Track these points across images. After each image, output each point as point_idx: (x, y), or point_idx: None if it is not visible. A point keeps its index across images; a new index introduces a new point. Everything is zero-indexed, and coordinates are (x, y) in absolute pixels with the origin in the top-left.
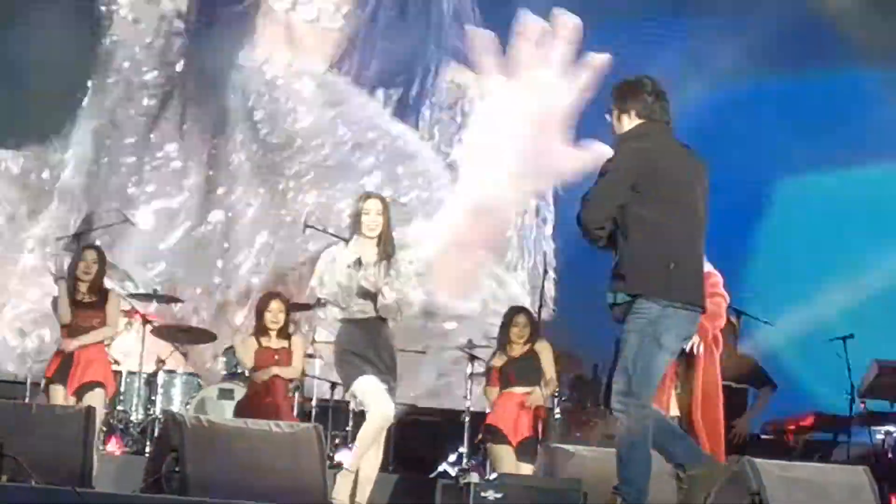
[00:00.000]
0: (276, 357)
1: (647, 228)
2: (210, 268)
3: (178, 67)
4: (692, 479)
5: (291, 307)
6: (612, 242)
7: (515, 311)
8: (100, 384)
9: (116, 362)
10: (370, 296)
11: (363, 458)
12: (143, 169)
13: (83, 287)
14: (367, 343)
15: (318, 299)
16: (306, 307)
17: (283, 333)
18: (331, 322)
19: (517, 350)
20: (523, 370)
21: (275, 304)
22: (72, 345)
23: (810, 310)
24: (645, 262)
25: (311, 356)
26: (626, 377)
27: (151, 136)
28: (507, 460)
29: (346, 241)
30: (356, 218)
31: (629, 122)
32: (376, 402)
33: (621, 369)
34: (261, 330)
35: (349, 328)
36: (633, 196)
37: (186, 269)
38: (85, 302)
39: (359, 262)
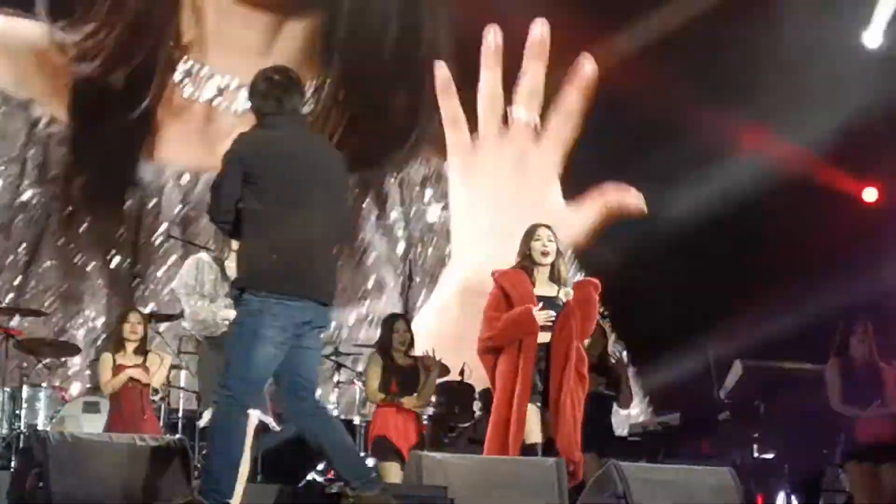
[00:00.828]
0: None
1: (257, 220)
2: None
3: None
4: (359, 500)
5: (155, 318)
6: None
7: (394, 317)
8: None
9: None
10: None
11: None
12: None
13: None
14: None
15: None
16: (169, 318)
17: (141, 350)
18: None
19: (400, 359)
20: (408, 384)
21: (133, 317)
22: None
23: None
24: (252, 255)
25: (177, 367)
26: (226, 368)
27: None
28: (393, 477)
29: (209, 249)
30: None
31: (257, 117)
32: None
33: (225, 361)
34: (118, 344)
35: (210, 341)
36: (247, 188)
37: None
38: None
39: (224, 273)
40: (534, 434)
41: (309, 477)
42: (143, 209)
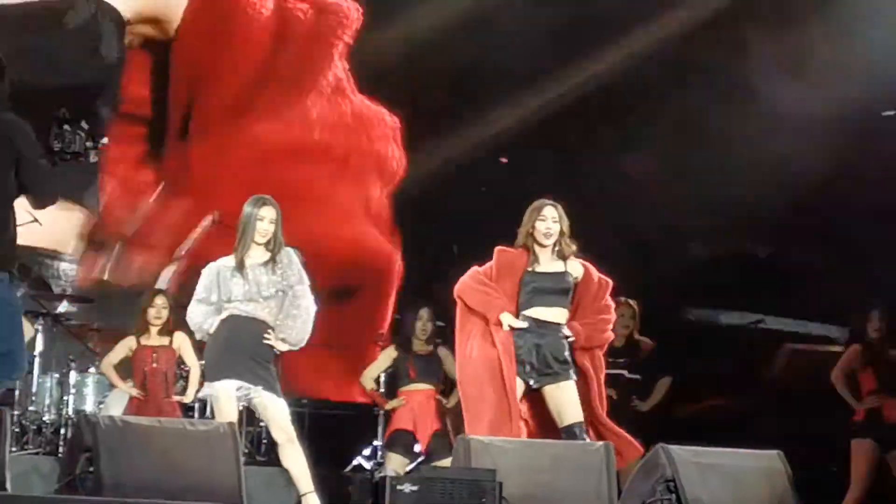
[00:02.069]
0: (154, 354)
1: None
2: None
3: None
4: None
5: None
6: None
7: (420, 308)
8: None
9: None
10: (252, 297)
11: (285, 459)
12: None
13: None
14: (238, 340)
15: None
16: None
17: (165, 331)
18: None
19: (419, 347)
20: (426, 369)
21: (159, 300)
22: None
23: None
24: None
25: None
26: None
27: None
28: (398, 467)
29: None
30: (249, 222)
31: None
32: (218, 414)
33: None
34: (142, 328)
35: (223, 324)
36: None
37: None
38: None
39: (241, 266)
40: (572, 413)
41: (355, 462)
42: None
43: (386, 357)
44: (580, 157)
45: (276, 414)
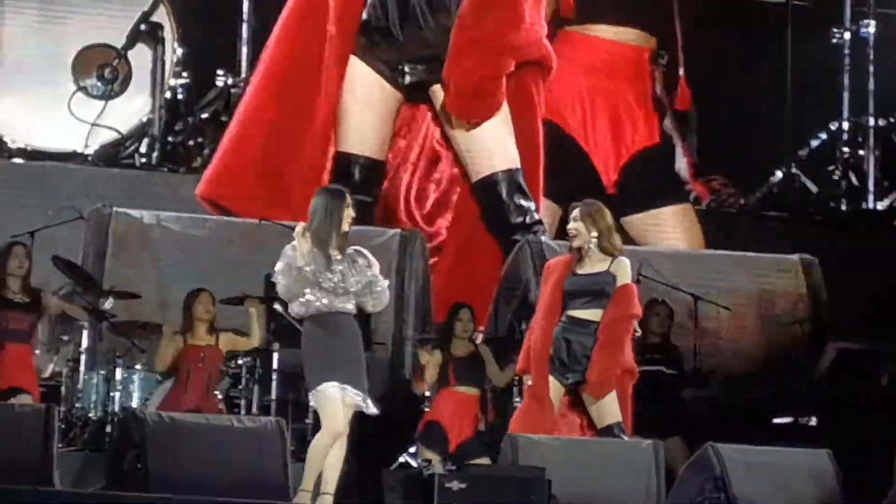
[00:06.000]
0: (202, 354)
1: None
2: None
3: None
4: None
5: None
6: None
7: (459, 306)
8: (25, 391)
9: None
10: (335, 292)
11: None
12: None
13: (15, 286)
14: (332, 339)
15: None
16: (238, 300)
17: (211, 328)
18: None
19: (461, 348)
20: (467, 370)
21: (204, 296)
22: None
23: None
24: None
25: (268, 349)
26: None
27: None
28: (433, 464)
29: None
30: (336, 212)
31: None
32: (329, 417)
33: None
34: (189, 326)
35: (313, 325)
36: None
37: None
38: (16, 302)
39: (329, 257)
40: (610, 413)
41: (401, 459)
42: None
43: (434, 364)
44: None
45: (348, 412)
